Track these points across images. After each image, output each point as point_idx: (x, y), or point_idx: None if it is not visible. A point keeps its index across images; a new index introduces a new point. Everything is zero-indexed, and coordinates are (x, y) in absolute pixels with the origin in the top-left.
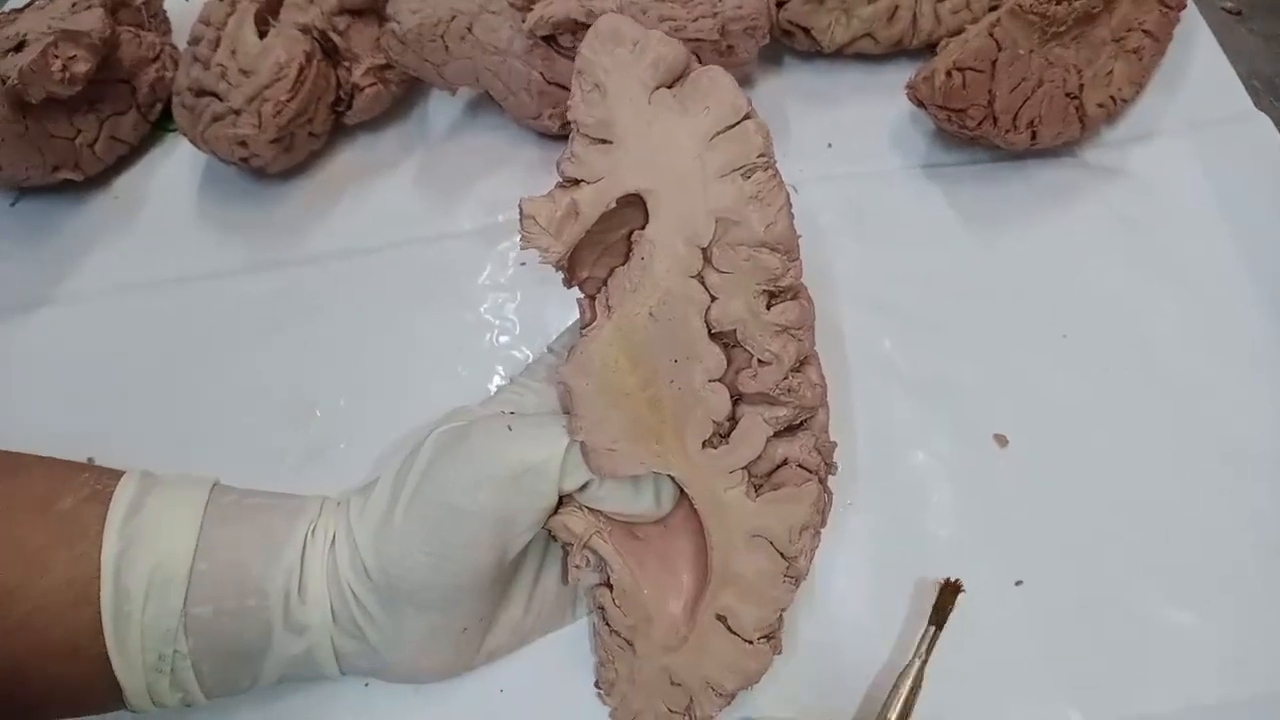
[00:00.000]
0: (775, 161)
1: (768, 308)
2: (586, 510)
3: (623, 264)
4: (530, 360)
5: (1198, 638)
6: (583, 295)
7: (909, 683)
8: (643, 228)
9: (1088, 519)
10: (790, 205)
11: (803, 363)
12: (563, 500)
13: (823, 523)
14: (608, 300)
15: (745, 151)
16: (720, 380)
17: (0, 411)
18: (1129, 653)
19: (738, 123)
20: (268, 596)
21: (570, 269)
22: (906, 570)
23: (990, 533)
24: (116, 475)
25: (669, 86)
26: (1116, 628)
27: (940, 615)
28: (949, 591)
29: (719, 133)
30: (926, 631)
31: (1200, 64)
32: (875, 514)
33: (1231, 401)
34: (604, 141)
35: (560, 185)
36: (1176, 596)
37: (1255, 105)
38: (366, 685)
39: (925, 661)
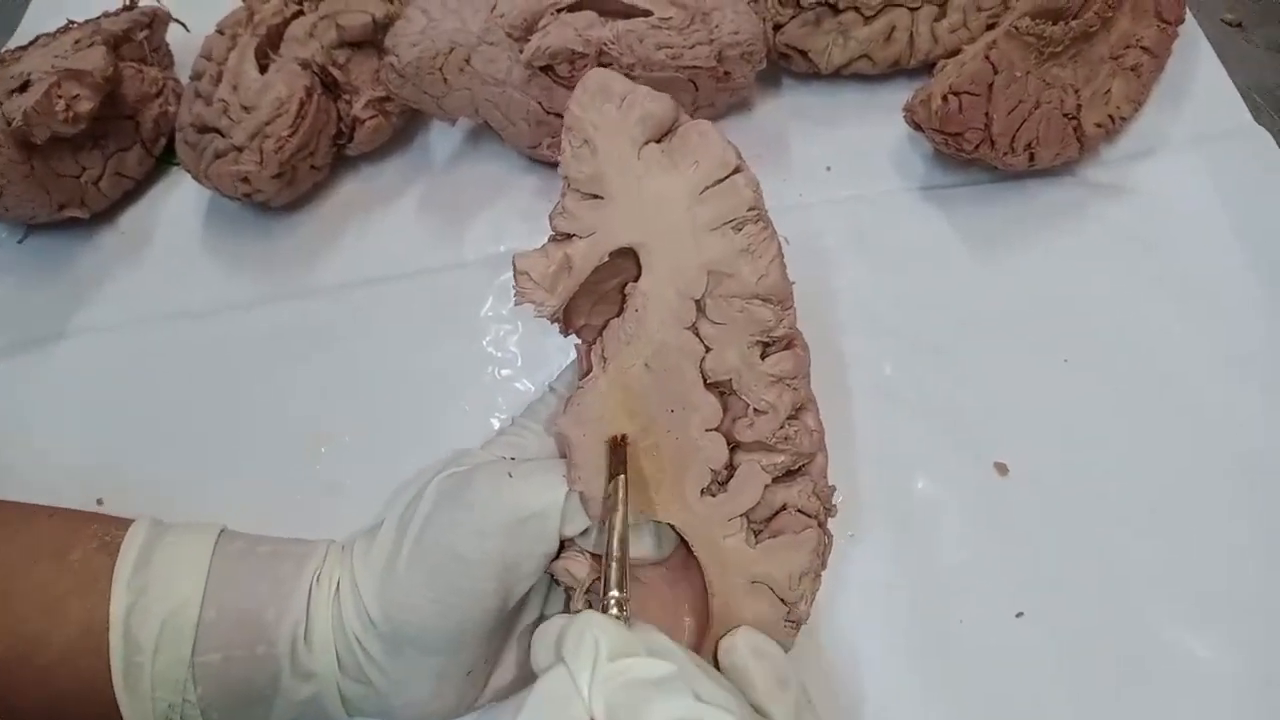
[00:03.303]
0: (766, 213)
1: (762, 358)
2: (588, 555)
3: (617, 315)
4: (533, 395)
5: (1208, 665)
6: (580, 342)
7: (615, 538)
8: (636, 279)
9: (1090, 548)
10: (782, 256)
11: (799, 410)
12: (564, 545)
13: (823, 565)
14: (603, 351)
15: (735, 205)
16: (717, 429)
17: (12, 446)
18: (1136, 681)
19: (727, 177)
20: (275, 644)
21: (566, 318)
22: (907, 601)
23: (991, 563)
24: (124, 524)
25: (658, 141)
26: (1121, 658)
27: (620, 465)
28: (615, 443)
29: (708, 187)
30: (615, 483)
31: (1200, 78)
32: (876, 544)
33: (1241, 420)
34: (595, 196)
35: (553, 239)
36: (1184, 624)
37: (1255, 119)
38: None
39: (625, 513)
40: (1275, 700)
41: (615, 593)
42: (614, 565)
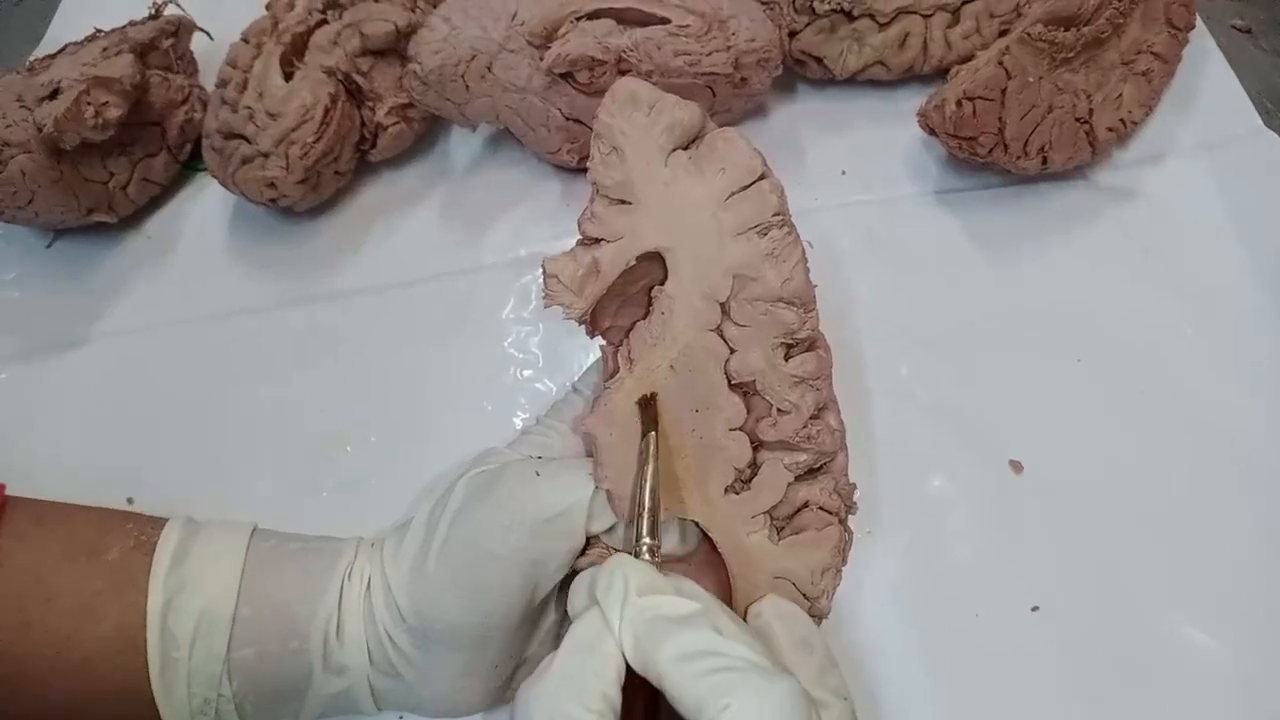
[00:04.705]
0: (791, 218)
1: (786, 359)
2: (613, 550)
3: (644, 317)
4: (554, 394)
5: (1218, 662)
6: (606, 343)
7: (648, 488)
8: (663, 282)
9: (1104, 544)
10: (806, 260)
11: (821, 410)
12: (590, 541)
13: (844, 561)
14: (629, 353)
15: (761, 210)
16: (741, 429)
17: (39, 449)
18: (1147, 678)
19: (753, 183)
20: (308, 639)
21: (593, 320)
22: (923, 597)
23: (1006, 558)
24: (159, 523)
25: (685, 148)
26: (1135, 653)
27: (651, 423)
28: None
29: (734, 193)
30: (647, 440)
31: (1210, 83)
32: (893, 541)
33: (1249, 422)
34: (623, 202)
35: (581, 243)
36: (1195, 620)
37: (1266, 124)
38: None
39: (656, 466)
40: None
41: (647, 540)
42: (645, 516)
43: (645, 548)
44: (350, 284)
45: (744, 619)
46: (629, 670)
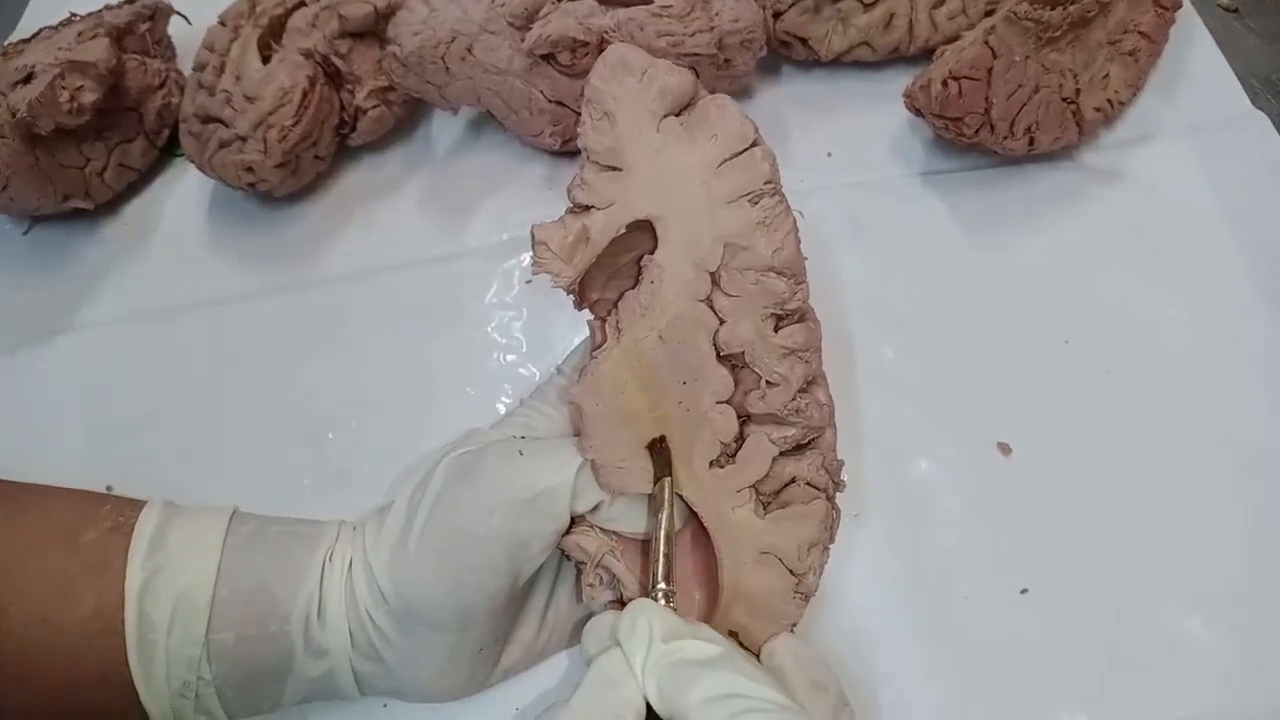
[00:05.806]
0: (782, 187)
1: (775, 330)
2: (599, 530)
3: (632, 287)
4: (538, 378)
5: (1207, 645)
6: (593, 317)
7: (663, 534)
8: (652, 252)
9: (1092, 526)
10: (797, 230)
11: (810, 383)
12: (575, 521)
13: (831, 539)
14: (618, 323)
15: (752, 178)
16: (728, 401)
17: (20, 439)
18: (1137, 660)
19: (744, 150)
20: (289, 622)
21: (580, 292)
22: (912, 580)
23: (994, 541)
24: (138, 505)
25: (677, 114)
26: (1124, 635)
27: (665, 467)
28: (657, 446)
29: (726, 160)
30: (662, 484)
31: (1197, 64)
32: (881, 524)
33: (1236, 404)
34: (614, 169)
35: (571, 211)
36: (1184, 603)
37: (1253, 104)
38: (385, 705)
39: (671, 512)
40: (1264, 680)
41: (663, 585)
42: (661, 560)
43: (661, 593)
44: (331, 270)
45: (759, 654)
46: (647, 715)
